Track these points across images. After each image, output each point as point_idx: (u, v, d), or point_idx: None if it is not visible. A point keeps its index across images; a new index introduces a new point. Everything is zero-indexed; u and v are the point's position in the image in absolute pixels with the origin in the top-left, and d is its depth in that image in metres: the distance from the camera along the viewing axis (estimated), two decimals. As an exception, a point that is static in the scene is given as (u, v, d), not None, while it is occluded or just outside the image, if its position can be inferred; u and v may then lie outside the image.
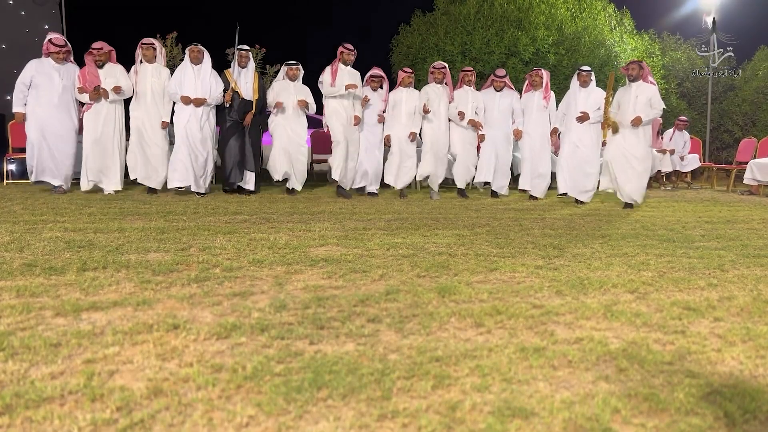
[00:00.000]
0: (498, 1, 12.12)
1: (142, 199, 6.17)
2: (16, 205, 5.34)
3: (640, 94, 6.60)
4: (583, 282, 2.94)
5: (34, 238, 3.70)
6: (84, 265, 2.99)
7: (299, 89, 7.15)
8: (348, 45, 7.07)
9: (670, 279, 3.09)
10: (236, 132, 6.83)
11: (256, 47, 11.07)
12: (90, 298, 2.44)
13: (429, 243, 4.02)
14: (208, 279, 2.82)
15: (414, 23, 13.28)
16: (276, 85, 7.17)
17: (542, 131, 7.52)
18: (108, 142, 6.66)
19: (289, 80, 7.14)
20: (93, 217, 4.74)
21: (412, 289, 2.69)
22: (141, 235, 3.98)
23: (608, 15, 13.02)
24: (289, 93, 7.08)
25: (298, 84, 7.18)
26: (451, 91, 7.50)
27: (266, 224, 4.74)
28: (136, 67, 6.80)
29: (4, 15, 9.48)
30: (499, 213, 6.00)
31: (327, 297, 2.53)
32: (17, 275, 2.75)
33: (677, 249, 4.10)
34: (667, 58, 14.23)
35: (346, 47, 7.05)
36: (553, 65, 11.88)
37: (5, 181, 8.02)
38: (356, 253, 3.56)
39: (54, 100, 6.49)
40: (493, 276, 3.05)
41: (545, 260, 3.55)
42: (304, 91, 7.19)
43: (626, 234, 4.78)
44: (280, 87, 7.11)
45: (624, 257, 3.72)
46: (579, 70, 7.29)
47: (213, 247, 3.62)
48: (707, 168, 11.54)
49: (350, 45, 7.08)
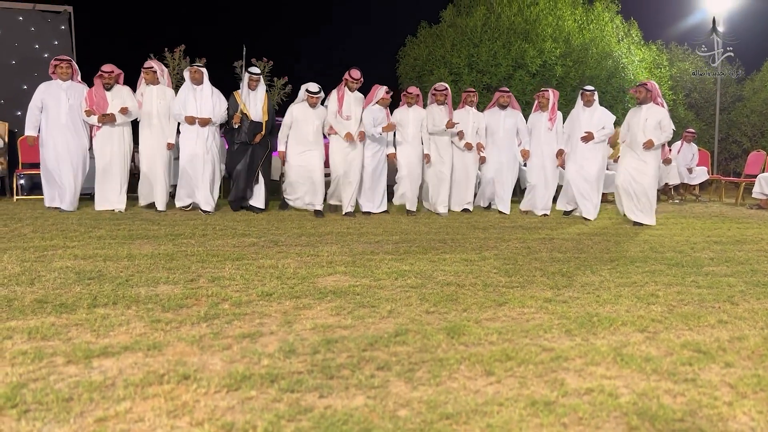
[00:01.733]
0: (505, 13, 12.12)
1: (150, 219, 6.20)
2: (26, 227, 5.37)
3: (650, 116, 6.60)
4: (593, 319, 2.93)
5: (44, 268, 3.72)
6: (94, 300, 3.00)
7: (319, 115, 7.00)
8: (354, 74, 6.94)
9: (679, 315, 3.07)
10: (244, 154, 6.83)
11: (263, 60, 11.12)
12: (101, 340, 2.45)
13: (437, 270, 4.02)
14: (217, 317, 2.83)
15: (420, 35, 13.29)
16: (295, 110, 6.98)
17: (550, 151, 7.53)
18: (116, 164, 6.74)
19: (309, 106, 6.96)
20: (102, 241, 4.77)
21: (420, 329, 2.69)
22: (150, 263, 3.99)
23: (616, 26, 12.99)
24: (308, 120, 6.94)
25: (319, 110, 7.02)
26: (451, 111, 7.48)
27: (274, 248, 4.76)
28: (141, 89, 6.87)
29: (14, 31, 9.54)
30: (507, 233, 5.99)
31: (336, 339, 2.54)
32: (29, 313, 2.77)
33: (686, 276, 4.09)
34: (674, 69, 14.18)
35: (353, 77, 6.93)
36: (560, 77, 11.87)
37: (15, 197, 8.06)
38: (364, 284, 3.57)
39: (61, 119, 6.59)
40: (502, 312, 3.05)
41: (554, 291, 3.54)
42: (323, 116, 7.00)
43: (635, 258, 4.77)
44: (299, 112, 6.95)
45: (633, 287, 3.71)
46: (582, 90, 7.33)
47: (222, 278, 3.63)
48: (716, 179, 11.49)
49: (357, 74, 6.94)
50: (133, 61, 7.38)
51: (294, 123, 6.93)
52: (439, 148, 7.41)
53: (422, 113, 7.36)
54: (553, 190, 7.66)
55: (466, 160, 7.68)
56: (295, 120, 6.92)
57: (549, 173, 7.56)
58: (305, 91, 6.95)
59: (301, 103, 6.99)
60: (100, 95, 6.67)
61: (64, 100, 6.61)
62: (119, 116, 6.66)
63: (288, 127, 6.97)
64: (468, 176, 7.72)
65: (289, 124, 6.96)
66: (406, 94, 7.42)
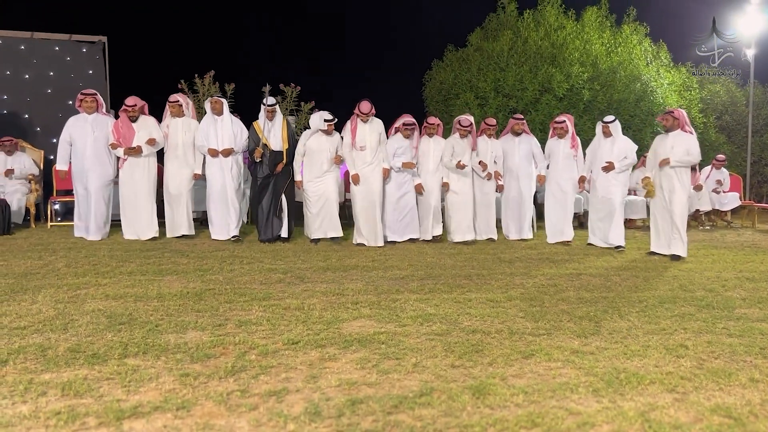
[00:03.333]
0: (532, 37, 12.12)
1: (180, 250, 6.31)
2: (60, 260, 5.51)
3: (677, 144, 6.51)
4: (620, 376, 2.90)
5: (77, 310, 3.81)
6: (125, 350, 3.07)
7: (334, 142, 7.12)
8: (364, 107, 6.98)
9: (709, 371, 3.02)
10: (267, 188, 6.93)
11: (291, 86, 11.27)
12: (132, 397, 2.50)
13: (462, 314, 4.02)
14: (244, 369, 2.87)
15: (447, 59, 13.35)
16: (308, 140, 7.05)
17: (569, 177, 7.59)
18: (143, 195, 6.92)
19: (325, 134, 7.05)
20: (132, 277, 4.87)
21: (446, 388, 2.69)
22: (179, 304, 4.06)
23: (644, 49, 12.90)
24: (323, 148, 7.04)
25: (335, 137, 7.13)
26: (475, 143, 7.55)
27: (300, 285, 4.80)
28: (166, 122, 7.06)
29: (51, 61, 9.85)
30: (533, 267, 5.96)
31: (360, 399, 2.55)
32: (62, 365, 2.84)
33: (717, 322, 4.02)
34: (705, 91, 14.01)
35: (362, 111, 6.98)
36: (587, 101, 11.81)
37: (49, 223, 8.27)
38: (389, 331, 3.58)
39: (87, 151, 6.85)
40: (528, 366, 3.03)
41: (581, 340, 3.51)
42: (338, 144, 7.13)
43: (664, 298, 4.70)
44: (313, 142, 7.02)
45: (662, 335, 3.66)
46: (601, 121, 7.37)
47: (249, 322, 3.68)
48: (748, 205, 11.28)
49: (366, 106, 6.98)
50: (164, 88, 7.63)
51: (308, 152, 7.02)
52: (459, 176, 7.47)
53: (442, 144, 7.47)
54: (570, 216, 7.75)
55: (486, 189, 7.77)
56: (309, 149, 7.01)
57: (568, 200, 7.64)
58: (323, 120, 7.01)
59: (315, 132, 7.06)
60: (126, 127, 6.86)
61: (89, 132, 6.87)
62: (146, 148, 6.85)
63: (301, 155, 7.06)
64: (489, 204, 7.82)
65: (302, 153, 7.04)
66: (427, 125, 7.50)
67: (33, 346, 3.09)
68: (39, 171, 8.57)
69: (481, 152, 7.60)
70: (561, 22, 12.68)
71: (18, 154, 8.29)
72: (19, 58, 9.70)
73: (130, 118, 6.91)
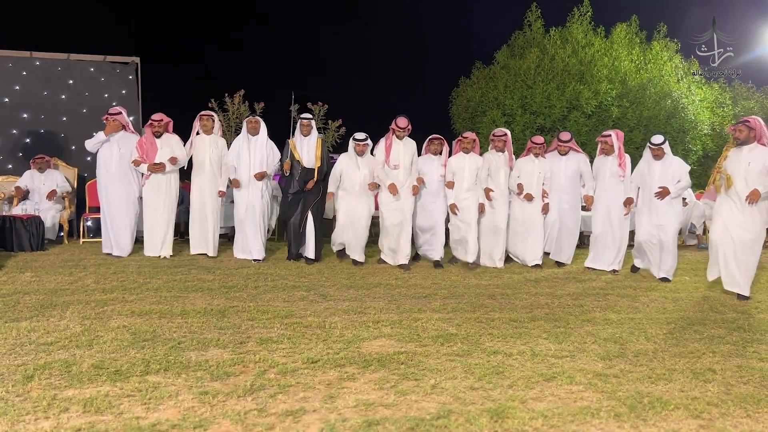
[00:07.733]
0: (559, 55, 12.07)
1: (206, 267, 6.39)
2: (89, 276, 5.63)
3: (753, 159, 5.45)
4: (644, 401, 2.83)
5: (102, 327, 3.88)
6: (147, 367, 3.11)
7: (367, 163, 6.94)
8: (401, 122, 6.88)
9: (737, 397, 2.94)
10: (297, 205, 6.94)
11: (318, 104, 11.39)
12: (151, 415, 2.53)
13: (484, 335, 3.98)
14: (263, 388, 2.88)
15: (474, 76, 13.37)
16: (343, 160, 7.01)
17: (615, 197, 6.86)
18: (163, 212, 7.03)
19: (357, 155, 6.93)
20: (158, 294, 4.94)
21: (464, 411, 2.66)
22: (202, 321, 4.11)
23: (675, 65, 12.74)
24: (355, 169, 6.91)
25: (367, 157, 6.97)
26: (511, 158, 7.32)
27: (323, 303, 4.81)
28: (192, 138, 7.13)
29: (86, 81, 10.13)
30: (559, 286, 5.89)
31: (377, 421, 2.54)
32: (85, 381, 2.89)
33: (747, 345, 3.91)
34: (738, 108, 13.75)
35: (399, 126, 6.87)
36: (616, 118, 11.69)
37: (81, 239, 8.45)
38: (409, 351, 3.56)
39: (111, 168, 6.99)
40: (549, 390, 2.98)
41: (605, 363, 3.44)
42: (371, 165, 6.93)
43: (693, 320, 4.60)
44: (346, 162, 6.96)
45: (689, 358, 3.57)
46: (649, 143, 6.60)
47: (270, 340, 3.70)
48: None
49: (403, 122, 6.89)
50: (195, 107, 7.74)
51: (343, 173, 6.96)
52: (494, 197, 7.12)
53: (478, 161, 7.10)
54: (621, 244, 6.94)
55: (529, 211, 7.20)
56: (344, 170, 6.95)
57: (615, 223, 6.90)
58: (352, 139, 7.00)
59: (350, 152, 7.02)
60: (150, 143, 6.99)
61: (115, 150, 7.00)
62: (168, 165, 6.95)
63: (338, 174, 7.01)
64: (533, 227, 7.20)
65: (339, 173, 6.98)
66: (461, 139, 7.20)
67: (58, 362, 3.15)
68: (72, 188, 8.78)
69: (526, 172, 7.19)
70: (589, 39, 12.61)
71: (49, 172, 8.49)
72: (55, 79, 9.98)
73: (154, 134, 7.03)
